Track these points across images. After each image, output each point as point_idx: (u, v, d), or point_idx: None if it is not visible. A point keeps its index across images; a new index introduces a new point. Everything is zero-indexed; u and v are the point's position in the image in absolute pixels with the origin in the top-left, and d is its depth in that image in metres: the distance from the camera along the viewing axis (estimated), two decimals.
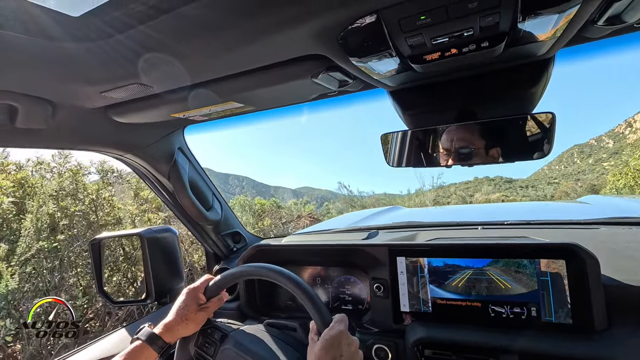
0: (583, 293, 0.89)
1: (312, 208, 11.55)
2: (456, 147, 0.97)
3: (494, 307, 0.99)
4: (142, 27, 0.64)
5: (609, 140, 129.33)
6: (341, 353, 0.75)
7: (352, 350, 0.78)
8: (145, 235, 1.42)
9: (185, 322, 0.94)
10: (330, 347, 0.76)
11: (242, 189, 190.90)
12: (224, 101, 1.03)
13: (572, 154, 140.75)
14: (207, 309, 0.99)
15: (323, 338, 0.78)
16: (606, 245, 1.16)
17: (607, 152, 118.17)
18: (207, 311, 0.99)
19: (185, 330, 0.96)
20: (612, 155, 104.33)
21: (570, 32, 0.68)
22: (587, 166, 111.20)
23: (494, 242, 1.03)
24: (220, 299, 1.03)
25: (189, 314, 0.95)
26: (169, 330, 0.93)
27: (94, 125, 1.15)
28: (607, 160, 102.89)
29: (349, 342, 0.79)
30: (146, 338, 0.90)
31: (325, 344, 0.76)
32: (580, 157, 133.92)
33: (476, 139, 0.95)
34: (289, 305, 1.41)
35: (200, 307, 0.97)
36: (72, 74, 0.81)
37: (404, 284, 1.10)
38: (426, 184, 13.91)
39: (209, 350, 0.99)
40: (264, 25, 0.65)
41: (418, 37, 0.66)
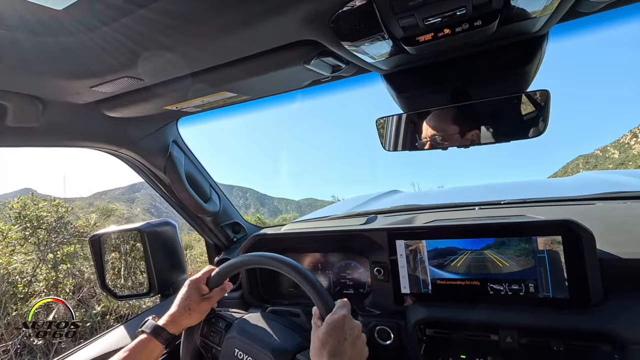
0: (580, 268, 0.91)
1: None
2: (452, 129, 0.97)
3: (492, 285, 1.00)
4: (129, 19, 0.62)
5: (615, 150, 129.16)
6: (345, 336, 0.77)
7: (355, 333, 0.80)
8: (145, 230, 1.42)
9: (189, 312, 0.96)
10: (334, 331, 0.77)
11: (246, 201, 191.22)
12: (217, 91, 1.02)
13: (578, 165, 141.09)
14: (210, 298, 1.00)
15: (326, 323, 0.79)
16: (602, 220, 1.18)
17: (614, 162, 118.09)
18: (210, 301, 1.00)
19: (190, 320, 0.97)
20: (619, 166, 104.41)
21: (564, 7, 0.67)
22: None
23: (491, 221, 1.04)
24: (223, 289, 1.04)
25: (192, 304, 0.96)
26: (174, 322, 0.94)
27: (85, 121, 1.13)
28: None
29: (352, 326, 0.80)
30: (151, 330, 0.91)
31: (329, 328, 0.78)
32: (585, 168, 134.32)
33: (471, 120, 0.95)
34: (291, 291, 1.43)
35: (203, 298, 0.99)
36: (59, 69, 0.80)
37: (403, 266, 1.11)
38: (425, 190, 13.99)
39: (214, 339, 1.01)
40: (253, 11, 0.64)
41: (410, 18, 0.65)
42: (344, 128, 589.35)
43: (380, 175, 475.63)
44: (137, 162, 1.42)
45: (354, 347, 0.78)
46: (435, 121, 0.99)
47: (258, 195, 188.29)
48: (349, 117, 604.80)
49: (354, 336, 0.79)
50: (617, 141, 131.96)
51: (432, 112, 0.98)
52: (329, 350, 0.74)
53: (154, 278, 1.43)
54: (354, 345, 0.78)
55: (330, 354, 0.74)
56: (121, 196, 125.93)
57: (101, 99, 1.03)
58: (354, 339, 0.79)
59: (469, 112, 0.95)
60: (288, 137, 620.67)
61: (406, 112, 1.02)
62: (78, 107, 1.04)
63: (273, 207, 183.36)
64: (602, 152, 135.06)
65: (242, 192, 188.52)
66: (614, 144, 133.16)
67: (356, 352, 0.78)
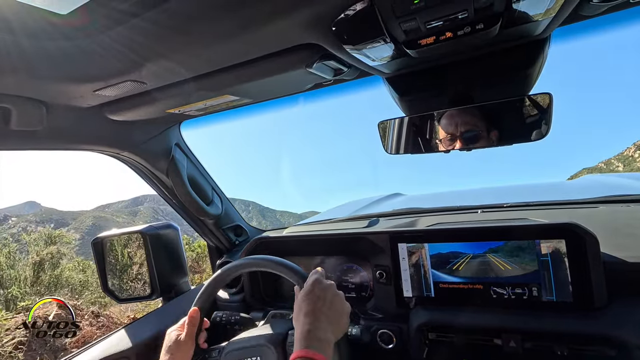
0: (583, 271, 0.90)
1: None
2: (454, 132, 0.97)
3: (495, 288, 1.00)
4: (132, 23, 0.63)
5: (619, 163, 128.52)
6: (317, 297, 0.81)
7: (329, 293, 0.83)
8: (147, 232, 1.42)
9: (175, 356, 0.92)
10: (307, 295, 0.82)
11: (248, 214, 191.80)
12: (219, 95, 1.03)
13: None
14: (188, 336, 0.95)
15: (302, 289, 0.85)
16: (606, 224, 1.17)
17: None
18: (189, 338, 0.96)
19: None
20: None
21: (566, 10, 0.67)
22: None
23: (494, 224, 1.04)
24: (196, 325, 0.99)
25: (176, 348, 0.93)
26: None
27: (89, 124, 1.14)
28: None
29: (324, 287, 0.84)
30: None
31: (303, 293, 0.83)
32: None
33: (474, 123, 0.95)
34: (293, 294, 1.42)
35: (180, 340, 0.94)
36: (63, 73, 0.81)
37: (406, 269, 1.11)
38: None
39: None
40: (255, 15, 0.64)
41: (412, 22, 0.65)
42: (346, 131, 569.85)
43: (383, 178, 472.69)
44: (140, 165, 1.42)
45: (331, 305, 0.81)
46: (438, 124, 0.99)
47: (261, 208, 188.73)
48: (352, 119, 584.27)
49: (328, 296, 0.82)
50: (621, 154, 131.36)
51: (434, 115, 0.98)
52: (305, 313, 0.78)
53: (156, 281, 1.43)
54: (331, 303, 0.81)
55: (306, 315, 0.77)
56: (124, 209, 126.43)
57: (105, 103, 1.04)
58: (330, 298, 0.82)
59: (471, 115, 0.95)
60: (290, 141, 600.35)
61: (408, 115, 1.02)
62: (82, 111, 1.05)
63: (275, 219, 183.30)
64: (606, 165, 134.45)
65: (244, 205, 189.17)
66: (617, 157, 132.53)
67: (334, 310, 0.81)
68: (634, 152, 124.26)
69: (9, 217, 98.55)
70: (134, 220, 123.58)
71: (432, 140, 1.01)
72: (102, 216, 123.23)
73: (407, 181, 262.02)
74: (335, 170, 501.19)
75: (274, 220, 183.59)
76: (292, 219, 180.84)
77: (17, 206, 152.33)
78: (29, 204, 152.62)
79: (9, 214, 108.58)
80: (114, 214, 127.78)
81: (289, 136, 40.51)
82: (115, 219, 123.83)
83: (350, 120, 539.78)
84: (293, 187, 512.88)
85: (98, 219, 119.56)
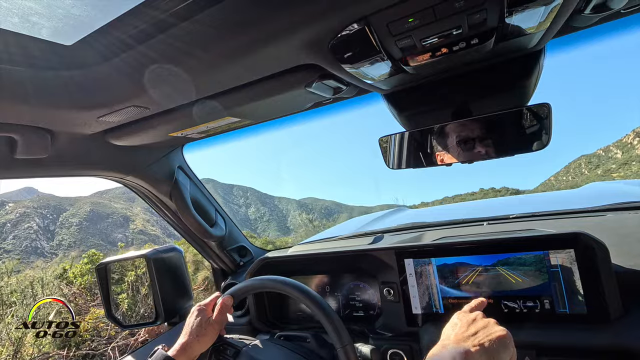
0: (595, 281, 0.88)
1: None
2: (454, 145, 0.97)
3: (506, 302, 0.97)
4: (133, 51, 0.65)
5: (617, 150, 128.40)
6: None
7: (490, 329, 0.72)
8: (151, 257, 1.42)
9: (199, 339, 0.94)
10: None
11: (246, 200, 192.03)
12: (221, 117, 1.04)
13: (580, 165, 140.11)
14: (219, 321, 0.98)
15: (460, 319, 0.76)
16: (615, 232, 1.15)
17: (616, 162, 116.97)
18: (219, 324, 0.98)
19: (201, 346, 0.95)
20: (622, 166, 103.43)
21: (558, 22, 0.68)
22: (596, 177, 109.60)
23: (501, 237, 1.02)
24: (230, 310, 1.02)
25: (201, 329, 0.95)
26: (184, 351, 0.92)
27: (93, 150, 1.15)
28: (617, 171, 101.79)
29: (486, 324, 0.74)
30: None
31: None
32: (588, 168, 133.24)
33: (474, 136, 0.95)
34: (299, 315, 1.40)
35: (211, 322, 0.97)
36: (67, 101, 0.82)
37: (413, 286, 1.09)
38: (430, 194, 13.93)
39: None
40: (254, 39, 0.66)
41: (408, 40, 0.66)
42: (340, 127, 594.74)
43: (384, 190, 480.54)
44: (144, 188, 1.43)
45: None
46: (438, 138, 0.99)
47: (259, 194, 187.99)
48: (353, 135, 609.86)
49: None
50: (620, 141, 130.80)
51: (433, 130, 0.99)
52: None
53: (160, 306, 1.41)
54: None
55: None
56: (122, 195, 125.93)
57: (108, 129, 1.05)
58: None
59: (470, 128, 0.95)
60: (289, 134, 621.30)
61: (408, 130, 1.02)
62: (85, 137, 1.06)
63: (273, 206, 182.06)
64: (604, 152, 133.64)
65: (242, 191, 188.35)
66: (616, 144, 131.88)
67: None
68: (632, 139, 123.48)
69: (7, 203, 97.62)
70: (131, 207, 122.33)
71: (433, 154, 1.01)
72: (100, 202, 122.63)
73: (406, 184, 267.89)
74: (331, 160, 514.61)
75: (272, 207, 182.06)
76: (290, 206, 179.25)
77: (14, 192, 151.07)
78: (26, 190, 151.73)
79: (6, 199, 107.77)
80: (111, 200, 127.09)
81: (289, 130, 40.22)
82: (113, 204, 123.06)
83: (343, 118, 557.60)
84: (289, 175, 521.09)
85: (96, 204, 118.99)
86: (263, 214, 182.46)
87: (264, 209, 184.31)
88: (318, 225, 27.65)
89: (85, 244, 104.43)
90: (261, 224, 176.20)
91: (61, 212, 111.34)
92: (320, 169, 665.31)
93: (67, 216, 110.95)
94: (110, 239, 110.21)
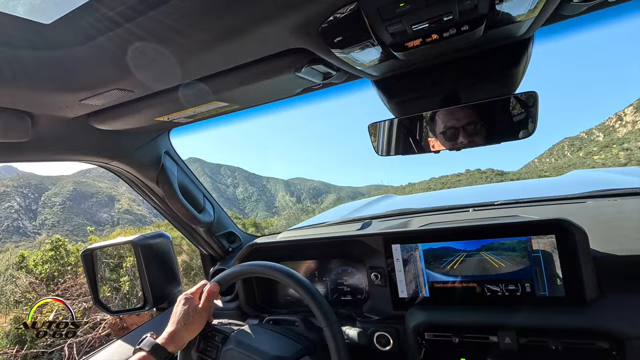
0: (574, 266, 0.92)
1: None
2: (443, 132, 0.98)
3: (489, 286, 1.01)
4: (116, 32, 0.63)
5: (600, 133, 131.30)
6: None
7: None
8: (138, 242, 1.41)
9: (186, 327, 0.95)
10: None
11: (234, 179, 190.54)
12: (208, 101, 1.02)
13: (563, 147, 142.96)
14: (206, 308, 0.99)
15: None
16: (594, 218, 1.19)
17: (598, 145, 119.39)
18: (206, 311, 0.99)
19: (189, 334, 0.96)
20: (603, 149, 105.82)
21: (547, 10, 0.69)
22: (578, 159, 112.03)
23: (485, 222, 1.05)
24: (216, 297, 1.04)
25: (189, 317, 0.95)
26: (173, 339, 0.93)
27: (76, 134, 1.12)
28: (598, 153, 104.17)
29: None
30: (150, 349, 0.90)
31: None
32: (570, 150, 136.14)
33: (462, 123, 0.96)
34: (288, 300, 1.41)
35: (198, 309, 0.98)
36: (48, 83, 0.79)
37: (400, 270, 1.11)
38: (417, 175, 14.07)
39: (211, 354, 0.99)
40: (241, 21, 0.64)
41: (398, 25, 0.66)
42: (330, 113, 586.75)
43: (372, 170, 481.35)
44: (130, 174, 1.40)
45: None
46: (427, 125, 1.00)
47: (247, 174, 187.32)
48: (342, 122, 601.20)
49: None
50: (602, 124, 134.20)
51: (423, 117, 0.99)
52: None
53: (148, 291, 1.41)
54: None
55: None
56: (106, 174, 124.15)
57: (91, 112, 1.02)
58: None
59: (459, 116, 0.96)
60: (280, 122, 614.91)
61: (398, 117, 1.03)
62: (68, 121, 1.03)
63: (261, 186, 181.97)
64: (587, 135, 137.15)
65: (230, 171, 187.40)
66: (599, 127, 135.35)
67: None
68: (614, 122, 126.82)
69: None
70: (116, 186, 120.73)
71: (422, 141, 1.02)
72: (83, 181, 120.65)
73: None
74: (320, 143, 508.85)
75: (261, 187, 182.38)
76: (279, 185, 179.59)
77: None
78: (5, 169, 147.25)
79: None
80: (95, 179, 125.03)
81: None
82: (97, 184, 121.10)
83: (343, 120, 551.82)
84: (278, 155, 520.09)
85: (79, 184, 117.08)
86: (251, 194, 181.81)
87: (252, 189, 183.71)
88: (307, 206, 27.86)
89: (70, 223, 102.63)
90: (249, 204, 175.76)
91: (43, 192, 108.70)
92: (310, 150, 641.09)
93: (49, 195, 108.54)
94: (95, 218, 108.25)
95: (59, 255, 6.91)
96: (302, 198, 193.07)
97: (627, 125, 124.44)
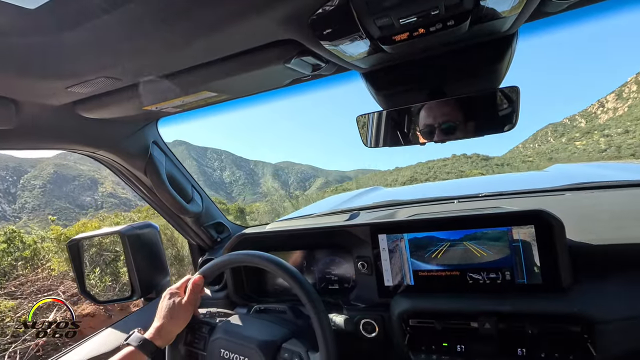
0: (551, 255, 0.96)
1: None
2: (429, 125, 1.00)
3: (471, 274, 1.04)
4: (103, 19, 0.62)
5: (582, 119, 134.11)
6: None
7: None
8: (125, 233, 1.40)
9: (173, 321, 0.95)
10: None
11: (221, 163, 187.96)
12: (197, 91, 1.02)
13: (547, 133, 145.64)
14: (192, 301, 1.00)
15: None
16: (572, 210, 1.24)
17: (580, 131, 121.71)
18: (192, 303, 1.00)
19: (176, 328, 0.96)
20: (585, 135, 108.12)
21: (529, 7, 0.71)
22: (560, 145, 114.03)
23: (469, 213, 1.08)
24: (201, 289, 1.04)
25: (174, 312, 0.96)
26: (160, 334, 0.93)
27: (62, 122, 1.11)
28: (580, 139, 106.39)
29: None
30: (138, 344, 0.90)
31: None
32: (554, 136, 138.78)
33: (448, 116, 0.98)
34: (277, 289, 1.43)
35: (184, 302, 0.98)
36: (33, 69, 0.78)
37: (386, 259, 1.14)
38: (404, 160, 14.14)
39: (199, 345, 1.01)
40: (231, 11, 0.64)
41: (386, 18, 0.67)
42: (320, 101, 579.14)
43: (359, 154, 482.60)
44: (117, 164, 1.39)
45: None
46: (413, 118, 1.02)
47: (234, 158, 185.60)
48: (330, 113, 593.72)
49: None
50: (585, 110, 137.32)
51: (410, 109, 1.01)
52: None
53: (136, 281, 1.41)
54: None
55: None
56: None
57: (78, 100, 1.01)
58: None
59: (445, 109, 0.98)
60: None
61: (385, 109, 1.04)
62: (54, 109, 1.01)
63: (249, 170, 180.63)
64: (570, 121, 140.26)
65: (217, 154, 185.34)
66: (581, 113, 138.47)
67: None
68: (596, 109, 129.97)
69: None
70: (99, 169, 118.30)
71: (410, 133, 1.04)
72: (64, 164, 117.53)
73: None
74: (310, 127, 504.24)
75: (248, 170, 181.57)
76: (266, 168, 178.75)
77: None
78: None
79: None
80: (76, 162, 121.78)
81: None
82: (79, 167, 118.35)
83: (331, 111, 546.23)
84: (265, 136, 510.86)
85: (60, 166, 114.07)
86: (238, 178, 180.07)
87: (239, 172, 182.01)
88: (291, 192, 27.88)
89: (51, 207, 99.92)
90: (236, 187, 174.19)
91: (22, 174, 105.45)
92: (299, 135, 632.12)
93: (28, 178, 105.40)
94: (78, 202, 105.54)
95: (14, 248, 6.09)
96: (290, 182, 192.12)
97: (609, 112, 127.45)
